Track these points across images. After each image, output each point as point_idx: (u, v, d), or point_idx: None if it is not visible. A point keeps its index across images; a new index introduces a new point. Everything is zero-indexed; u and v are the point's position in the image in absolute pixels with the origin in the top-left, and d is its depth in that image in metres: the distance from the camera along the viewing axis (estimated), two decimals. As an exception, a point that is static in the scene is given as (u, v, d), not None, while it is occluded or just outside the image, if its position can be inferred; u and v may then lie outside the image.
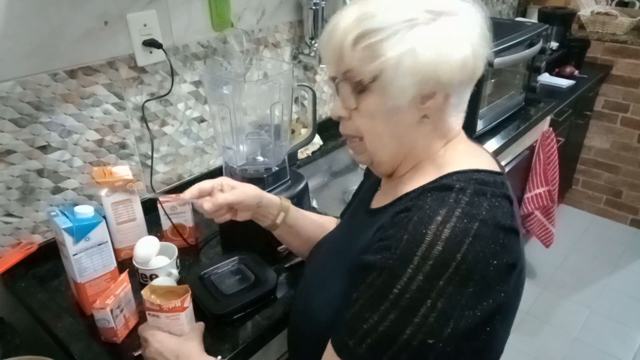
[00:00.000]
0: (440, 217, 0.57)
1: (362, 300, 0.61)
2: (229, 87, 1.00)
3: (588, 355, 2.09)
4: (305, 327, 0.77)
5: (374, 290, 0.59)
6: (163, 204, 1.11)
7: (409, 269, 0.56)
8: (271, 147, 1.09)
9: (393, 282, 0.57)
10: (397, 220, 0.62)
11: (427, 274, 0.55)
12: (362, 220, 0.75)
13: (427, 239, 0.56)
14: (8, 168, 1.01)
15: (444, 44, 0.60)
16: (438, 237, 0.56)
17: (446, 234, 0.56)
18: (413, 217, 0.59)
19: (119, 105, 1.15)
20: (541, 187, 2.14)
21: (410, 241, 0.57)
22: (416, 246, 0.56)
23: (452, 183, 0.62)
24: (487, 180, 0.63)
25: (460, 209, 0.58)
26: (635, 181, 2.73)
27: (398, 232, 0.59)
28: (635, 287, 2.43)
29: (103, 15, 1.06)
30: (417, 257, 0.56)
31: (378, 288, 0.59)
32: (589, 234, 2.83)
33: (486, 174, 0.64)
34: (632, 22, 2.52)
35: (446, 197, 0.60)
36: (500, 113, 1.76)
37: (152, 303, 0.78)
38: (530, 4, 2.85)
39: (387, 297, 0.57)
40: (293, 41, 1.53)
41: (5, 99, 0.97)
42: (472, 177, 0.62)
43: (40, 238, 1.11)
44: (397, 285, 0.57)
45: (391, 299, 0.57)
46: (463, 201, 0.59)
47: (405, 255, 0.57)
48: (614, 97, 2.63)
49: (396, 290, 0.57)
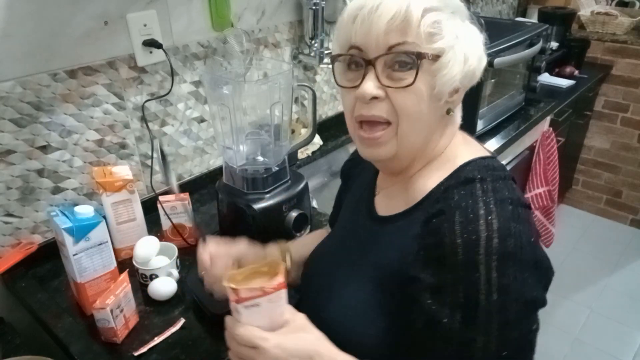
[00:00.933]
0: (483, 211, 0.57)
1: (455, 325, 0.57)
2: (229, 87, 1.00)
3: (588, 355, 2.09)
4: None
5: (462, 308, 0.56)
6: (163, 203, 1.11)
7: (480, 271, 0.55)
8: (271, 147, 1.09)
9: (474, 292, 0.55)
10: (434, 228, 0.60)
11: (497, 268, 0.55)
12: (371, 228, 0.73)
13: (483, 235, 0.56)
14: (8, 168, 1.01)
15: (480, 40, 0.64)
16: (491, 230, 0.56)
17: (495, 224, 0.56)
18: (454, 219, 0.58)
19: (119, 105, 1.15)
20: (541, 187, 2.14)
21: (468, 244, 0.56)
22: (475, 246, 0.55)
23: (471, 175, 0.62)
24: (494, 165, 0.65)
25: (492, 197, 0.59)
26: (635, 181, 2.73)
27: (445, 239, 0.58)
28: (635, 287, 2.43)
29: (103, 15, 1.06)
30: (481, 256, 0.55)
31: (465, 304, 0.56)
32: (589, 234, 2.82)
33: (488, 159, 0.66)
34: (632, 22, 2.52)
35: (473, 189, 0.60)
36: (500, 113, 1.76)
37: (252, 289, 0.60)
38: (530, 4, 2.85)
39: (478, 308, 0.56)
40: (293, 41, 1.53)
41: (5, 99, 0.96)
42: (482, 165, 0.65)
43: (40, 238, 1.11)
44: (480, 292, 0.55)
45: (483, 307, 0.55)
46: (489, 189, 0.60)
47: (469, 260, 0.56)
48: (614, 97, 2.63)
49: (483, 298, 0.55)
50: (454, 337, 0.57)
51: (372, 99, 0.62)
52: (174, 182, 0.76)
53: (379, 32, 0.59)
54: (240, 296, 0.60)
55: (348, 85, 0.65)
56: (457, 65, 0.61)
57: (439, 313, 0.57)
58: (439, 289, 0.58)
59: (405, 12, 0.58)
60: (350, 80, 0.65)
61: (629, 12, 2.64)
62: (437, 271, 0.58)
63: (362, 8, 0.60)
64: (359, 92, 0.62)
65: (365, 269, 0.69)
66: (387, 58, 0.61)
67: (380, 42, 0.60)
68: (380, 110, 0.63)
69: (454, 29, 0.61)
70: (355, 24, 0.61)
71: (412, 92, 0.61)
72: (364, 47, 0.61)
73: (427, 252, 0.60)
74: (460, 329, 0.56)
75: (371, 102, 0.62)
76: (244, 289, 0.60)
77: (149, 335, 0.91)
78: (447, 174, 0.65)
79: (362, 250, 0.72)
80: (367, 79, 0.62)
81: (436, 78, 0.61)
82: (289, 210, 1.08)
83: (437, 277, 0.58)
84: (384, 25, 0.59)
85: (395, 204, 0.70)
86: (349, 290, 0.69)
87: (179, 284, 1.01)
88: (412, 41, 0.59)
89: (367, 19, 0.60)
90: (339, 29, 0.65)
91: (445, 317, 0.57)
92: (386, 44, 0.60)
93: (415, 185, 0.68)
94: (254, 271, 0.63)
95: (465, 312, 0.56)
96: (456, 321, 0.56)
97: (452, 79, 0.61)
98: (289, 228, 1.07)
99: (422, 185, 0.67)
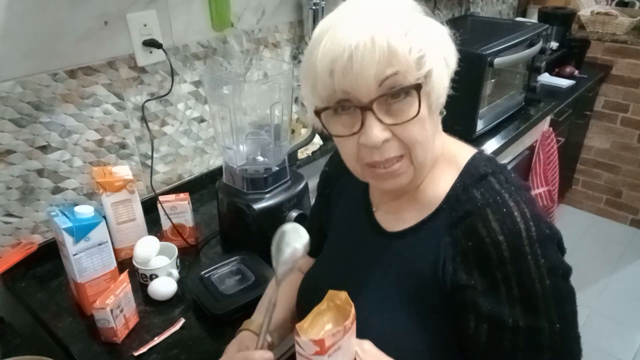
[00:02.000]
0: (513, 202, 0.58)
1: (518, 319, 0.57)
2: (229, 87, 1.00)
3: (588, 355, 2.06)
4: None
5: (520, 301, 0.57)
6: (163, 203, 1.11)
7: (529, 260, 0.56)
8: (271, 147, 1.09)
9: (528, 281, 0.57)
10: (469, 230, 0.59)
11: (542, 254, 0.57)
12: (386, 246, 0.69)
13: (522, 226, 0.57)
14: (8, 168, 1.01)
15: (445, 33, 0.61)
16: (527, 219, 0.57)
17: (528, 213, 0.58)
18: (488, 217, 0.58)
19: (119, 105, 1.15)
20: (541, 187, 2.14)
21: (511, 238, 0.57)
22: (519, 237, 0.56)
23: (482, 170, 0.63)
24: (490, 157, 0.67)
25: (512, 187, 0.61)
26: (635, 181, 2.73)
27: (486, 239, 0.58)
28: (635, 287, 2.43)
29: (103, 15, 1.06)
30: (526, 246, 0.56)
31: (521, 296, 0.57)
32: (589, 234, 2.82)
33: (482, 152, 0.68)
34: (632, 22, 2.51)
35: (491, 184, 0.61)
36: (500, 113, 1.76)
37: (336, 332, 0.53)
38: (530, 4, 2.85)
39: (536, 297, 0.57)
40: (293, 41, 1.53)
41: (5, 99, 0.96)
42: (485, 158, 0.66)
43: (40, 238, 1.11)
44: (534, 281, 0.57)
45: (540, 294, 0.57)
46: (504, 181, 0.61)
47: (516, 250, 0.56)
48: (614, 97, 2.63)
49: (538, 286, 0.57)
50: (520, 331, 0.57)
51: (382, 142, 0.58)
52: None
53: (368, 81, 0.55)
54: (325, 345, 0.51)
55: (347, 133, 0.60)
56: (444, 73, 0.59)
57: (500, 314, 0.58)
58: (491, 289, 0.58)
59: (387, 49, 0.54)
60: (346, 127, 0.60)
61: (629, 12, 2.64)
62: (485, 272, 0.58)
63: (336, 60, 0.54)
64: (367, 142, 0.57)
65: (391, 290, 0.66)
66: (382, 99, 0.56)
67: (371, 85, 0.55)
68: (392, 150, 0.59)
69: (431, 37, 0.58)
70: (336, 77, 0.56)
71: (417, 121, 0.58)
72: (352, 93, 0.56)
73: (467, 256, 0.60)
74: (525, 322, 0.57)
75: (380, 147, 0.58)
76: (328, 336, 0.51)
77: (149, 335, 0.91)
78: (456, 175, 0.65)
79: (382, 272, 0.69)
80: (370, 125, 0.57)
81: (431, 96, 0.59)
82: (289, 210, 1.08)
83: (487, 278, 0.58)
84: (372, 71, 0.54)
85: (405, 216, 0.68)
86: (379, 318, 0.65)
87: (179, 284, 1.01)
88: (403, 70, 0.55)
89: (349, 71, 0.54)
90: (315, 84, 0.59)
91: (507, 315, 0.57)
92: (377, 82, 0.55)
93: (425, 194, 0.66)
94: (316, 314, 0.56)
95: (524, 304, 0.57)
96: (518, 315, 0.57)
97: (443, 88, 0.60)
98: (289, 228, 1.07)
99: (433, 192, 0.66)
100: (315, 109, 0.61)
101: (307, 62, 0.59)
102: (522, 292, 0.57)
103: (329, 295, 0.57)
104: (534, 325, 0.57)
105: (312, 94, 0.61)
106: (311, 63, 0.58)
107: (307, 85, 0.61)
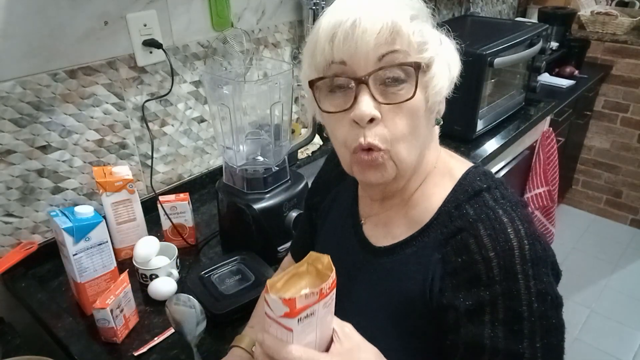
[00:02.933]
0: (507, 218, 0.56)
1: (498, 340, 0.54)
2: (229, 87, 1.00)
3: (588, 355, 2.08)
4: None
5: (504, 324, 0.54)
6: (163, 203, 1.11)
7: (519, 280, 0.53)
8: (271, 147, 1.09)
9: (515, 304, 0.53)
10: (460, 247, 0.57)
11: (533, 275, 0.53)
12: (372, 263, 0.67)
13: (515, 244, 0.54)
14: (8, 168, 1.01)
15: (453, 46, 0.61)
16: (520, 237, 0.55)
17: (523, 231, 0.55)
18: (480, 233, 0.56)
19: (119, 105, 1.15)
20: (541, 187, 2.14)
21: (503, 254, 0.54)
22: (511, 255, 0.54)
23: (477, 186, 0.61)
24: (487, 171, 0.64)
25: (508, 203, 0.58)
26: (635, 181, 2.73)
27: (476, 256, 0.55)
28: (635, 287, 2.43)
29: (103, 15, 1.06)
30: (518, 264, 0.53)
31: (505, 318, 0.54)
32: (589, 234, 2.82)
33: (479, 167, 0.65)
34: (632, 22, 2.51)
35: (485, 200, 0.59)
36: (500, 113, 1.76)
37: (309, 294, 0.45)
38: (530, 4, 2.85)
39: (521, 320, 0.53)
40: (293, 41, 1.53)
41: (5, 99, 0.96)
42: (480, 173, 0.63)
43: (40, 238, 1.11)
44: (522, 303, 0.53)
45: (526, 318, 0.53)
46: (499, 197, 0.59)
47: (507, 269, 0.54)
48: (614, 97, 2.63)
49: (525, 309, 0.53)
50: (498, 355, 0.54)
51: (370, 121, 0.56)
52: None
53: (367, 48, 0.53)
54: (296, 307, 0.45)
55: (338, 110, 0.58)
56: (444, 74, 0.58)
57: (478, 335, 0.54)
58: (475, 310, 0.55)
59: (392, 24, 0.53)
60: (337, 105, 0.58)
61: (629, 12, 2.64)
62: (472, 292, 0.55)
63: (339, 25, 0.54)
64: (356, 113, 0.55)
65: (379, 311, 0.64)
66: (380, 73, 0.55)
67: (370, 57, 0.54)
68: (376, 137, 0.56)
69: (437, 36, 0.58)
70: (336, 42, 0.54)
71: (408, 110, 0.56)
72: (349, 62, 0.55)
73: (456, 275, 0.57)
74: (505, 345, 0.53)
75: (367, 127, 0.56)
76: (300, 297, 0.45)
77: (149, 335, 0.91)
78: (449, 189, 0.62)
79: (369, 292, 0.67)
80: (362, 99, 0.55)
81: (428, 90, 0.58)
82: (289, 210, 1.08)
83: (473, 298, 0.55)
84: (372, 40, 0.53)
85: (394, 231, 0.66)
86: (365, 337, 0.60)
87: (179, 284, 1.01)
88: (404, 49, 0.54)
89: (350, 36, 0.53)
90: (313, 51, 0.58)
91: (486, 337, 0.54)
92: (376, 55, 0.54)
93: (417, 208, 0.64)
94: (292, 274, 0.50)
95: (508, 326, 0.54)
96: (499, 338, 0.54)
97: (442, 88, 0.59)
98: (289, 228, 1.07)
99: (425, 207, 0.63)
100: (309, 80, 0.60)
101: (311, 37, 0.59)
102: (507, 314, 0.54)
103: (310, 257, 0.50)
104: (514, 350, 0.53)
105: (310, 65, 0.60)
106: (314, 32, 0.58)
107: (307, 56, 0.60)
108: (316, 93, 0.60)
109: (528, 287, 0.53)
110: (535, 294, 0.53)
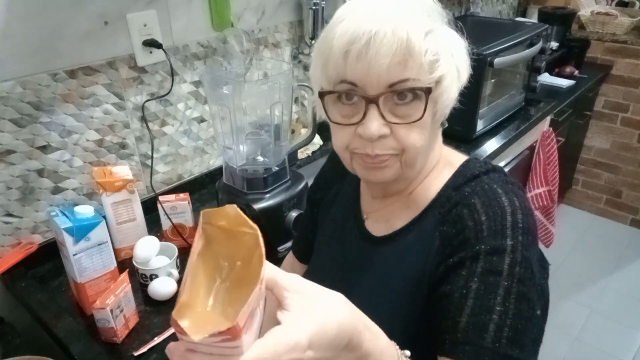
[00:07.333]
0: (502, 190, 0.58)
1: (472, 296, 0.53)
2: (229, 87, 1.00)
3: (588, 355, 2.08)
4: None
5: (480, 275, 0.53)
6: (163, 203, 1.11)
7: (507, 242, 0.53)
8: (271, 147, 1.09)
9: (497, 260, 0.53)
10: (454, 219, 0.58)
11: (523, 242, 0.54)
12: (371, 252, 0.68)
13: (508, 210, 0.55)
14: (8, 168, 1.01)
15: (464, 46, 0.61)
16: (514, 206, 0.56)
17: (517, 202, 0.56)
18: (475, 203, 0.57)
19: (119, 105, 1.15)
20: (541, 187, 2.14)
21: (494, 218, 0.55)
22: (503, 219, 0.54)
23: (476, 171, 0.62)
24: (486, 160, 0.67)
25: (503, 182, 0.60)
26: (635, 181, 2.73)
27: (468, 222, 0.56)
28: (635, 287, 2.43)
29: (103, 15, 1.06)
30: (509, 229, 0.54)
31: (484, 271, 0.53)
32: (589, 234, 2.82)
33: (477, 158, 0.68)
34: (632, 22, 2.51)
35: (482, 180, 0.61)
36: (500, 113, 1.76)
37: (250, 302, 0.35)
38: (530, 4, 2.85)
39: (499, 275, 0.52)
40: (293, 41, 1.53)
41: (5, 99, 0.96)
42: (478, 161, 0.65)
43: (40, 238, 1.11)
44: (504, 262, 0.52)
45: (505, 277, 0.52)
46: (497, 179, 0.61)
47: (497, 231, 0.54)
48: (614, 97, 2.63)
49: (506, 267, 0.52)
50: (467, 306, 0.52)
51: (381, 136, 0.57)
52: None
53: (380, 71, 0.53)
54: (240, 327, 0.34)
55: (345, 122, 0.59)
56: (454, 84, 0.59)
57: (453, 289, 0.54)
58: (456, 265, 0.55)
59: (406, 44, 0.53)
60: (345, 116, 0.59)
61: (629, 12, 2.64)
62: (461, 252, 0.55)
63: (354, 42, 0.53)
64: (364, 132, 0.57)
65: (380, 299, 0.65)
66: (390, 95, 0.56)
67: (381, 80, 0.54)
68: (385, 147, 0.58)
69: (449, 47, 0.58)
70: (349, 60, 0.54)
71: (417, 125, 0.57)
72: (360, 84, 0.55)
73: (449, 244, 0.58)
74: (475, 297, 0.52)
75: (376, 141, 0.57)
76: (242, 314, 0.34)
77: (149, 335, 0.91)
78: (449, 177, 0.64)
79: (371, 281, 0.67)
80: (371, 117, 0.56)
81: (438, 104, 0.59)
82: (289, 210, 1.08)
83: (458, 257, 0.55)
84: (385, 62, 0.53)
85: (395, 223, 0.67)
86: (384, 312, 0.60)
87: (179, 284, 1.01)
88: (415, 77, 0.54)
89: (363, 56, 0.53)
90: (327, 63, 0.57)
91: (459, 289, 0.53)
92: (388, 81, 0.54)
93: (416, 199, 0.65)
94: (192, 275, 0.39)
95: (482, 278, 0.53)
96: (471, 289, 0.53)
97: (451, 99, 0.60)
98: (289, 228, 1.07)
99: (425, 195, 0.65)
100: (320, 90, 0.60)
101: (324, 40, 0.58)
102: (484, 268, 0.53)
103: (204, 218, 0.39)
104: (484, 304, 0.52)
105: (322, 73, 0.59)
106: (328, 40, 0.57)
107: (319, 62, 0.59)
108: (326, 103, 0.61)
109: (514, 250, 0.53)
110: (520, 257, 0.53)
